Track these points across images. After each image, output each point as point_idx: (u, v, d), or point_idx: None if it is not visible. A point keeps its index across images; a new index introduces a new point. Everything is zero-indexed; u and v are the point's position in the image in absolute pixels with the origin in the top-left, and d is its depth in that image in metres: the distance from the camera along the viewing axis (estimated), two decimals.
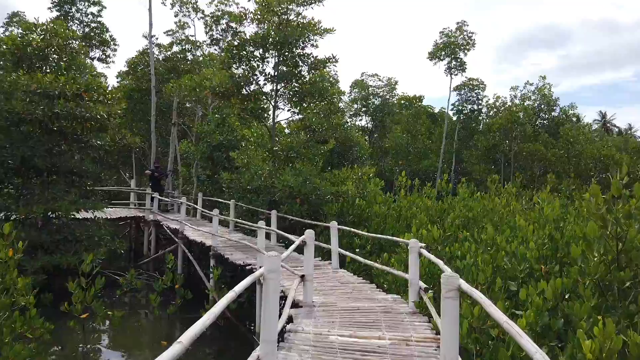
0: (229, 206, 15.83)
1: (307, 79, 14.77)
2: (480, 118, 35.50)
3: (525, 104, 31.72)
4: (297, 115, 15.59)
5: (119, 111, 13.42)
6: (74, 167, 13.08)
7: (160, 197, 17.82)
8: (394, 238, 8.18)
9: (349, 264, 10.50)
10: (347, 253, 9.69)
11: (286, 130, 17.56)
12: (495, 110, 36.68)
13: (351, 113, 43.79)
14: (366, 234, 9.23)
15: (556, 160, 25.51)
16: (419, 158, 30.93)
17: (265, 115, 14.20)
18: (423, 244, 6.91)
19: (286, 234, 8.54)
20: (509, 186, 13.79)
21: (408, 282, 7.10)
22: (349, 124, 39.49)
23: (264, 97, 14.74)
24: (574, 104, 34.82)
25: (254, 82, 14.35)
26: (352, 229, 9.73)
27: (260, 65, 14.31)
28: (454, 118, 36.01)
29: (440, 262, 5.52)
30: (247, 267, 9.95)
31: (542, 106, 33.15)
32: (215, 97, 13.47)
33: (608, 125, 63.03)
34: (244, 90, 13.73)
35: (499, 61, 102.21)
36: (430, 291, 6.93)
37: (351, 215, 12.84)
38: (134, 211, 18.21)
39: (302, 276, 6.94)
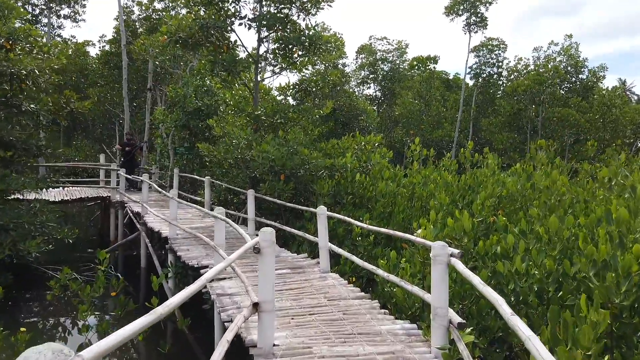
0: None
1: (300, 26, 11.77)
2: (500, 83, 32.17)
3: (550, 65, 28.35)
4: (286, 71, 12.66)
5: (57, 66, 10.61)
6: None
7: (128, 175, 15.17)
8: (407, 236, 5.38)
9: (344, 262, 7.77)
10: (340, 251, 6.93)
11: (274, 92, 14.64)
12: (516, 73, 33.33)
13: (358, 81, 40.69)
14: (364, 225, 6.43)
15: (590, 126, 22.35)
16: (433, 127, 27.88)
17: (244, 70, 11.28)
18: (456, 251, 4.12)
19: (237, 228, 5.76)
20: (541, 156, 10.87)
21: (430, 305, 4.38)
22: (356, 92, 36.45)
23: (242, 46, 11.81)
24: (604, 65, 31.27)
25: (228, 28, 11.38)
26: (346, 218, 6.94)
27: (236, 8, 11.33)
28: (471, 83, 32.71)
29: (504, 307, 2.72)
30: (202, 270, 7.26)
31: (569, 68, 29.75)
32: (175, 44, 10.58)
33: (627, 92, 59.14)
34: (214, 37, 10.79)
35: (512, 31, 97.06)
36: (468, 329, 4.18)
37: (350, 194, 10.06)
38: (102, 191, 15.60)
39: (256, 304, 4.21)
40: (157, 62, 20.71)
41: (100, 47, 28.32)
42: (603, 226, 5.14)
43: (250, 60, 12.00)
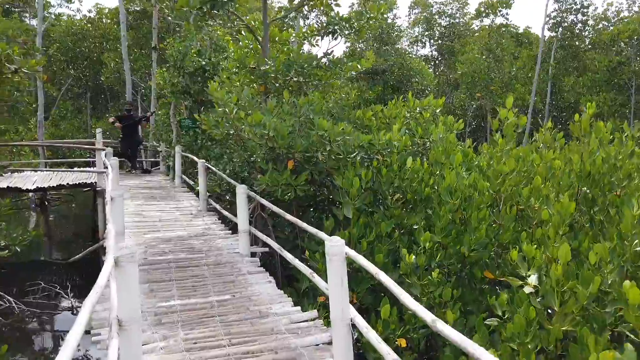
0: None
1: None
2: (586, 33, 26.60)
3: None
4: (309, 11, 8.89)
5: None
6: None
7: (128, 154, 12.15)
8: None
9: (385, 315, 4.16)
10: (373, 337, 3.29)
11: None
12: (605, 22, 27.56)
13: (411, 40, 35.99)
14: (412, 306, 2.72)
15: None
16: (502, 89, 23.13)
17: (232, 1, 7.61)
18: None
19: None
20: None
21: None
22: (409, 53, 31.96)
23: None
24: None
25: None
26: (383, 277, 3.24)
27: None
28: (547, 36, 27.32)
29: None
30: None
31: None
32: None
33: None
34: None
35: None
36: None
37: (397, 190, 6.35)
38: (90, 175, 12.68)
39: None
40: (169, 17, 17.48)
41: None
42: None
43: None
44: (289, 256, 5.15)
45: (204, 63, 11.68)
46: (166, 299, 4.75)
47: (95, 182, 11.81)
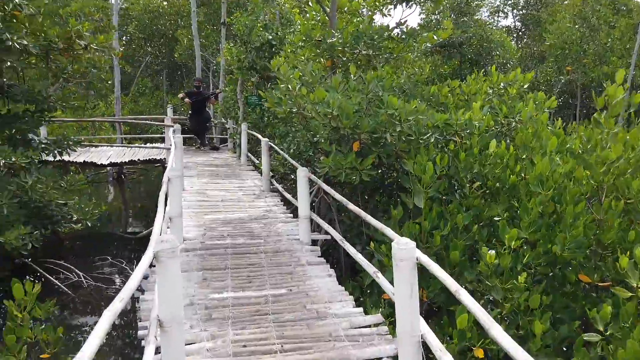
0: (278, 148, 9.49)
1: None
2: None
3: None
4: None
5: None
6: None
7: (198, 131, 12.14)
8: None
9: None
10: None
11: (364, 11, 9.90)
12: None
13: (491, 10, 33.56)
14: (506, 344, 2.07)
15: None
16: (595, 62, 20.82)
17: None
18: None
19: None
20: None
21: None
22: (489, 24, 29.85)
23: None
24: None
25: None
26: (469, 301, 2.63)
27: None
28: None
29: None
30: None
31: None
32: None
33: None
34: None
35: None
36: None
37: (477, 178, 5.61)
38: (156, 152, 12.85)
39: None
40: None
41: None
42: None
43: None
44: (351, 250, 4.65)
45: (270, 37, 11.27)
46: (219, 290, 4.44)
47: (165, 158, 11.94)
